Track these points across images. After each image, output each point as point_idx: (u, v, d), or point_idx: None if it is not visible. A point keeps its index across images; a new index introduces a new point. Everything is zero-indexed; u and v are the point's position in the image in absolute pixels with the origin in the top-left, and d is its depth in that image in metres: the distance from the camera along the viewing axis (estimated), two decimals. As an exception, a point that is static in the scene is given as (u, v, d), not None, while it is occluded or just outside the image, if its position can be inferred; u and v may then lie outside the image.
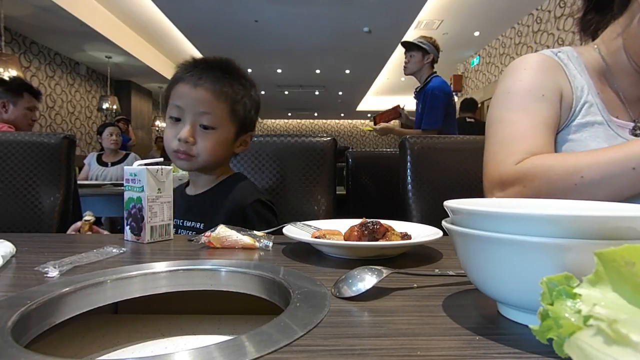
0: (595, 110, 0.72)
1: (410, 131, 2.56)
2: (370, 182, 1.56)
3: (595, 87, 0.74)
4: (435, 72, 2.54)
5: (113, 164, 3.37)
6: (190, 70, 0.88)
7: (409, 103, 2.82)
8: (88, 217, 0.85)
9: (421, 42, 2.51)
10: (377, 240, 0.57)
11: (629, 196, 0.61)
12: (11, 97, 2.32)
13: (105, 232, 0.88)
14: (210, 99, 0.87)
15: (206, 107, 0.86)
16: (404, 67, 2.63)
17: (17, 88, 2.38)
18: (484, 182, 0.75)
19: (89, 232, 0.84)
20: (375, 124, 2.78)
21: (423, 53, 2.51)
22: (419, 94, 2.57)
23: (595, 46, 0.77)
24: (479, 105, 6.61)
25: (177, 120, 0.87)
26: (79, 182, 2.51)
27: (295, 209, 1.19)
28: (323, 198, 1.20)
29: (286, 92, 9.96)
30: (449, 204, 0.36)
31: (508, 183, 0.68)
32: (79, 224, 0.85)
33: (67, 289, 0.41)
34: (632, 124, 0.73)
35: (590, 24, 0.80)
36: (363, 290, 0.39)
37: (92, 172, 3.34)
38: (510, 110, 0.74)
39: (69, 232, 0.88)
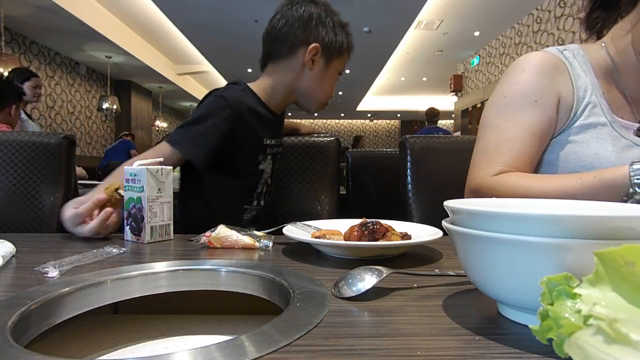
0: (599, 111, 0.71)
1: None
2: (370, 182, 1.56)
3: (600, 87, 0.73)
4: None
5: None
6: None
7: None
8: (120, 190, 0.72)
9: None
10: (377, 240, 0.57)
11: None
12: (17, 100, 2.40)
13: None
14: None
15: None
16: None
17: (18, 92, 2.46)
18: (465, 186, 0.78)
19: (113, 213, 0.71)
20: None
21: None
22: None
23: (603, 44, 0.76)
24: (478, 105, 6.62)
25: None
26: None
27: (299, 208, 1.19)
28: (327, 198, 1.20)
29: (286, 92, 9.95)
30: (449, 204, 0.36)
31: (480, 193, 0.72)
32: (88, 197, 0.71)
33: (67, 289, 0.41)
34: (637, 125, 0.72)
35: (597, 22, 0.79)
36: (363, 290, 0.39)
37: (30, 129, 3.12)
38: (501, 116, 0.75)
39: (72, 207, 0.70)
